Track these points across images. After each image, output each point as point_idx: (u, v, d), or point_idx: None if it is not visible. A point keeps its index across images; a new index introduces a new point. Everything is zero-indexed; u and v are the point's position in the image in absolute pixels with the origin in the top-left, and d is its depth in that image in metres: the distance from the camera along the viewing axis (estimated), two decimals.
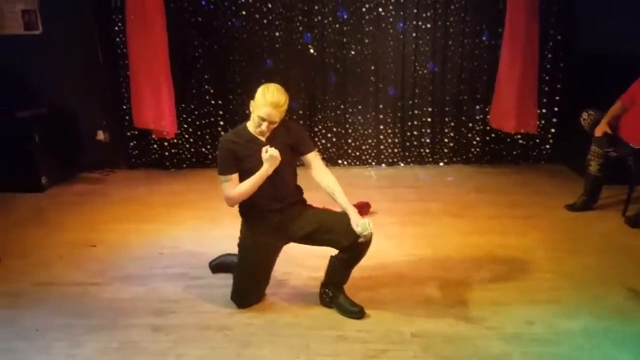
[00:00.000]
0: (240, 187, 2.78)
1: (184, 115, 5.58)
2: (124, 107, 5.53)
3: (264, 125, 2.71)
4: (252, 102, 2.75)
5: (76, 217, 4.42)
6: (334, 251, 2.88)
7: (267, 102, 2.66)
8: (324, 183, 2.86)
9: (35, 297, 3.14)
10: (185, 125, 5.63)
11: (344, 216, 2.76)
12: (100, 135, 5.69)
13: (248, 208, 2.89)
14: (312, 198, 3.03)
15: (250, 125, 2.82)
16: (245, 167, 2.78)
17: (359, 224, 2.69)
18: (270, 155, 2.72)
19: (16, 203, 4.77)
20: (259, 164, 2.74)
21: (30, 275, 3.39)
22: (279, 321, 2.83)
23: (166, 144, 5.66)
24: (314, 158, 2.90)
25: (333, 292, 2.90)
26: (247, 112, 2.85)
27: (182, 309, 2.96)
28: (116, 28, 5.34)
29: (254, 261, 2.92)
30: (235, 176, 2.79)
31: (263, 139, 2.80)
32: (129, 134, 5.65)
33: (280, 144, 2.78)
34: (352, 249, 2.77)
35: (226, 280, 3.11)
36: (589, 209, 4.22)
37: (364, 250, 2.81)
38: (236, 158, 2.78)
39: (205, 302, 3.02)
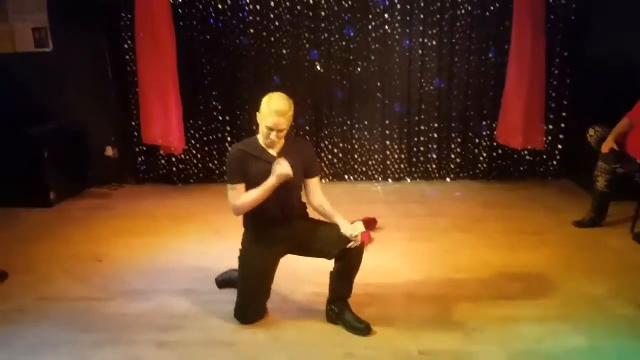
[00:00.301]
0: (246, 197, 2.79)
1: (192, 131, 5.62)
2: (133, 123, 5.58)
3: (273, 134, 2.73)
4: (257, 114, 2.78)
5: (83, 231, 4.44)
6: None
7: (272, 110, 2.69)
8: (316, 203, 2.92)
9: (40, 311, 3.14)
10: (193, 141, 5.66)
11: (334, 226, 2.79)
12: (109, 151, 5.73)
13: (252, 220, 2.91)
14: (313, 214, 3.04)
15: (260, 138, 2.84)
16: (253, 179, 2.79)
17: (349, 231, 2.71)
18: (281, 171, 2.71)
19: (24, 218, 4.79)
20: (266, 177, 2.75)
21: (36, 290, 3.40)
22: (285, 337, 2.81)
23: (173, 159, 5.69)
24: (316, 182, 2.94)
25: (339, 308, 2.88)
26: (255, 127, 2.88)
27: (187, 325, 2.95)
28: (125, 45, 5.41)
29: (255, 272, 2.92)
30: (241, 186, 2.81)
31: (274, 153, 2.82)
32: (137, 149, 5.69)
33: (291, 160, 2.78)
34: (344, 258, 2.78)
35: (232, 296, 3.10)
36: (597, 225, 4.19)
37: (356, 259, 2.82)
38: (244, 168, 2.80)
39: (211, 318, 3.01)
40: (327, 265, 2.90)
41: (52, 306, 3.20)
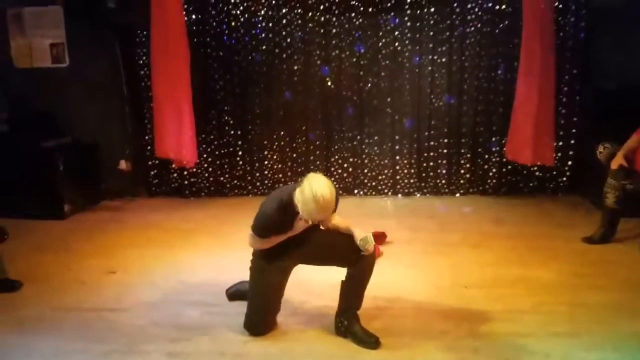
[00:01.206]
0: (268, 243, 2.86)
1: (204, 145, 5.70)
2: (147, 137, 5.67)
3: (311, 222, 2.74)
4: (298, 191, 2.62)
5: (96, 243, 4.50)
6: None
7: (316, 207, 2.54)
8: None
9: (54, 322, 3.18)
10: (205, 155, 5.73)
11: (347, 235, 2.83)
12: (123, 165, 5.81)
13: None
14: None
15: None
16: (283, 232, 2.84)
17: (361, 237, 2.75)
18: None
19: (38, 229, 4.87)
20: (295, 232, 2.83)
21: (50, 300, 3.45)
22: (295, 350, 2.83)
23: (186, 173, 5.76)
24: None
25: (348, 321, 2.90)
26: (265, 142, 2.92)
27: (198, 336, 2.98)
28: (140, 62, 5.52)
29: (267, 285, 2.94)
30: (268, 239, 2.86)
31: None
32: (150, 163, 5.77)
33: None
34: (357, 265, 2.81)
35: (243, 308, 3.12)
36: (606, 241, 4.17)
37: (369, 267, 2.85)
38: (279, 228, 2.82)
39: (221, 329, 3.03)
40: (338, 278, 2.92)
41: (65, 316, 3.24)
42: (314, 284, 3.40)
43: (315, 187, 2.53)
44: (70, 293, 3.57)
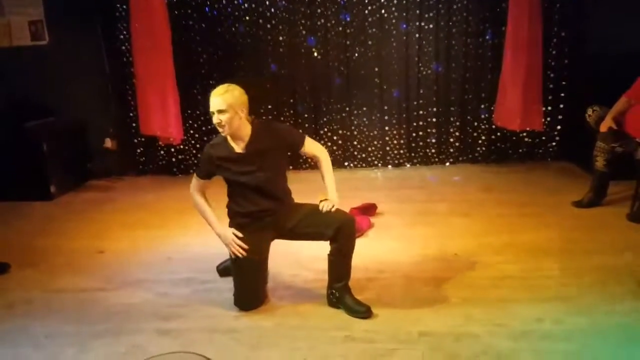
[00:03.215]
0: (200, 207, 3.02)
1: (190, 121, 5.62)
2: (131, 114, 5.58)
3: (215, 117, 2.79)
4: None
5: (85, 224, 4.46)
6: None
7: (211, 95, 2.80)
8: (315, 159, 3.02)
9: (44, 304, 3.16)
10: (192, 131, 5.66)
11: (325, 212, 2.84)
12: (108, 143, 5.74)
13: (237, 209, 2.95)
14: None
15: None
16: (224, 175, 2.92)
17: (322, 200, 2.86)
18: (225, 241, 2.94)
19: (25, 211, 4.82)
20: (236, 175, 2.87)
21: (39, 283, 3.42)
22: (287, 323, 2.83)
23: (173, 150, 5.70)
24: (308, 148, 2.98)
25: (339, 292, 2.89)
26: (252, 116, 2.89)
27: (189, 313, 2.97)
28: (121, 37, 5.40)
29: (247, 260, 2.92)
30: (204, 182, 3.00)
31: (239, 149, 2.84)
32: (136, 141, 5.69)
33: (260, 148, 2.84)
34: (338, 238, 2.81)
35: (232, 284, 3.13)
36: (596, 205, 4.19)
37: (350, 238, 2.85)
38: (211, 169, 2.93)
39: (213, 306, 3.03)
40: (323, 251, 2.91)
41: (55, 298, 3.22)
42: (304, 258, 3.39)
43: None
44: (60, 274, 3.54)
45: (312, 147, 3.00)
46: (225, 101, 2.77)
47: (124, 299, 3.17)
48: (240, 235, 2.90)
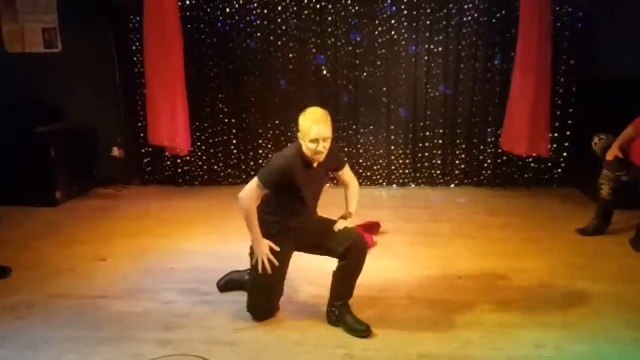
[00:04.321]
0: (249, 215, 2.83)
1: (198, 133, 5.66)
2: (139, 124, 5.62)
3: (320, 145, 2.72)
4: (299, 135, 2.79)
5: (88, 231, 4.47)
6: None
7: (311, 121, 2.71)
8: (345, 186, 3.08)
9: (46, 308, 3.17)
10: (199, 143, 5.69)
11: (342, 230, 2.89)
12: (115, 152, 5.78)
13: (269, 220, 2.93)
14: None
15: (302, 152, 2.81)
16: (289, 187, 2.82)
17: (340, 223, 2.91)
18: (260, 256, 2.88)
19: (30, 216, 4.83)
20: (305, 187, 2.85)
21: (41, 287, 3.43)
22: (287, 338, 2.82)
23: (179, 160, 5.73)
24: (347, 171, 3.05)
25: (339, 310, 2.89)
26: (260, 131, 2.91)
27: (190, 324, 2.97)
28: (134, 47, 5.46)
29: (272, 267, 2.92)
30: (266, 192, 2.85)
31: (313, 164, 2.83)
32: (143, 150, 5.73)
33: (326, 165, 2.90)
34: (347, 256, 2.83)
35: (235, 297, 3.14)
36: (601, 233, 4.18)
37: (359, 259, 2.86)
38: (281, 183, 2.80)
39: (214, 318, 3.03)
40: (330, 267, 2.92)
41: (56, 303, 3.23)
42: (306, 273, 3.40)
43: (307, 109, 2.79)
44: (62, 280, 3.54)
45: (349, 173, 3.07)
46: (330, 128, 2.77)
47: (125, 307, 3.17)
48: (276, 249, 2.88)
